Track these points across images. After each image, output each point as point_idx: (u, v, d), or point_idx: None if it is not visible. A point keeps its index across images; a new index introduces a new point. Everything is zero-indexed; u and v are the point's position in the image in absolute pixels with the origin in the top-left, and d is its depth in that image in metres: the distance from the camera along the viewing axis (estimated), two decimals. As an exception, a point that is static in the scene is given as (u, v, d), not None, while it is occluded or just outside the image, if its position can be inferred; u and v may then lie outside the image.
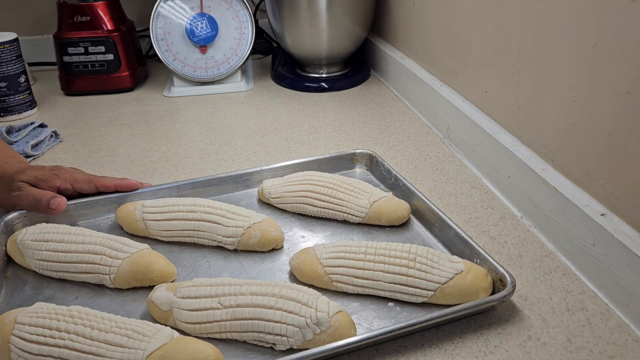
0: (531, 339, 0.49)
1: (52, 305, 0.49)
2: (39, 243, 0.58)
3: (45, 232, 0.59)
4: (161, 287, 0.52)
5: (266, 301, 0.48)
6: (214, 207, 0.63)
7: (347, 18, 1.08)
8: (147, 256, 0.56)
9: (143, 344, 0.44)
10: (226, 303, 0.49)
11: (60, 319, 0.46)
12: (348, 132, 0.92)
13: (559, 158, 0.61)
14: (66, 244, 0.57)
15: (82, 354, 0.44)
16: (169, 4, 1.10)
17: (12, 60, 1.00)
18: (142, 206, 0.64)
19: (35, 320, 0.47)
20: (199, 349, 0.45)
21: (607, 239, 0.52)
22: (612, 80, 0.51)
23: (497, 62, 0.72)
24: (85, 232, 0.60)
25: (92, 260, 0.56)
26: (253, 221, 0.61)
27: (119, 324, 0.46)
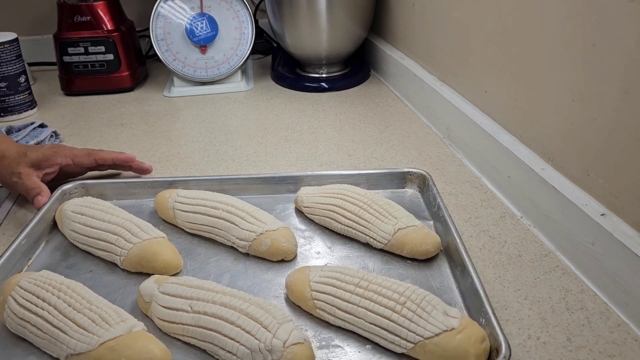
0: (531, 338, 0.49)
1: (54, 275, 0.52)
2: (75, 215, 0.62)
3: (85, 205, 0.63)
4: (151, 279, 0.53)
5: (229, 315, 0.46)
6: (237, 208, 0.62)
7: (347, 18, 1.09)
8: (157, 245, 0.58)
9: (101, 331, 0.45)
10: (195, 308, 0.48)
11: (49, 289, 0.50)
12: (348, 132, 0.92)
13: (559, 157, 0.61)
14: (95, 220, 0.61)
15: (50, 327, 0.47)
16: (169, 4, 1.10)
17: (12, 60, 1.00)
18: (177, 195, 0.66)
19: (32, 287, 0.50)
20: (146, 348, 0.45)
21: (606, 239, 0.52)
22: (611, 80, 0.51)
23: (497, 62, 0.72)
24: (116, 211, 0.62)
25: (110, 239, 0.59)
26: (267, 228, 0.59)
27: (93, 306, 0.48)
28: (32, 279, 0.51)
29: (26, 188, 0.69)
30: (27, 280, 0.51)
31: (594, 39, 0.53)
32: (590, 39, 0.53)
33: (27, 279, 0.51)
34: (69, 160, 0.73)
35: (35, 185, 0.69)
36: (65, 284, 0.50)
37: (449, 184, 0.74)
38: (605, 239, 0.52)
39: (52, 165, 0.71)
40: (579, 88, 0.56)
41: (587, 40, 0.54)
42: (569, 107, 0.58)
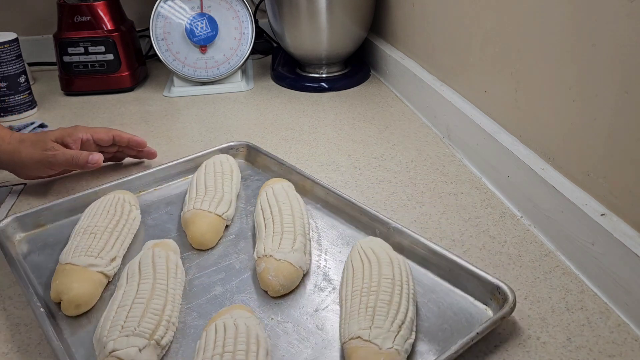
0: (531, 338, 0.49)
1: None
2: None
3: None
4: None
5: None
6: (282, 218, 0.60)
7: (347, 18, 1.09)
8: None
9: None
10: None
11: None
12: (348, 132, 0.92)
13: (559, 157, 0.61)
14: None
15: None
16: (169, 4, 1.10)
17: (12, 60, 1.00)
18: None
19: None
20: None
21: (606, 239, 0.52)
22: (611, 80, 0.51)
23: (497, 62, 0.72)
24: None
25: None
26: (271, 254, 0.55)
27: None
28: None
29: (70, 156, 0.71)
30: None
31: (594, 39, 0.53)
32: (590, 39, 0.53)
33: None
34: (89, 136, 0.75)
35: (77, 152, 0.71)
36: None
37: (448, 184, 0.74)
38: (605, 239, 0.52)
39: (75, 140, 0.73)
40: (579, 88, 0.56)
41: (587, 40, 0.54)
42: (569, 107, 0.58)
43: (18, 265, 0.57)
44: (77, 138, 0.74)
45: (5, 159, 0.72)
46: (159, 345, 0.47)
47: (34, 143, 0.72)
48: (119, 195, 0.66)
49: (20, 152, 0.71)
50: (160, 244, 0.58)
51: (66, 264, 0.55)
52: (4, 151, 0.71)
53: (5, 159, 0.72)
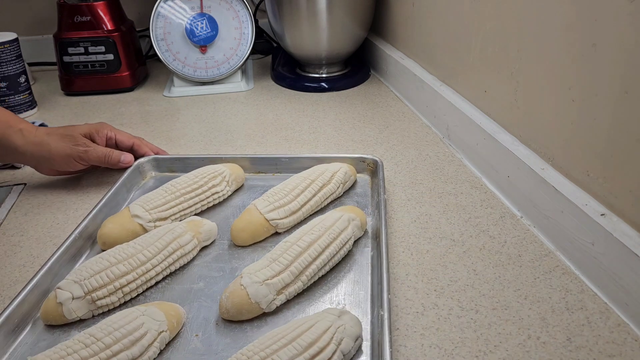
0: (531, 338, 0.49)
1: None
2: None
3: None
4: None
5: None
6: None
7: (347, 18, 1.09)
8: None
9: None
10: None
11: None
12: (348, 132, 0.92)
13: (559, 157, 0.61)
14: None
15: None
16: (169, 4, 1.10)
17: (12, 60, 1.00)
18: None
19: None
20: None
21: (606, 239, 0.52)
22: (611, 80, 0.51)
23: (497, 62, 0.72)
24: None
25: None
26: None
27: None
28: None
29: (102, 152, 0.72)
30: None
31: (594, 39, 0.53)
32: (590, 39, 0.53)
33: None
34: (113, 135, 0.76)
35: (110, 150, 0.73)
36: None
37: (448, 183, 0.74)
38: (605, 239, 0.52)
39: (102, 137, 0.75)
40: (579, 88, 0.56)
41: (587, 40, 0.54)
42: (569, 107, 0.58)
43: (123, 192, 0.71)
44: (104, 135, 0.75)
45: (32, 150, 0.71)
46: (94, 302, 0.52)
47: (62, 137, 0.72)
48: (224, 169, 0.71)
49: (49, 144, 0.71)
50: (195, 223, 0.61)
51: (126, 207, 0.64)
52: (31, 142, 0.71)
53: (32, 150, 0.71)
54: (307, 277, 0.54)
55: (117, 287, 0.53)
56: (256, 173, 0.76)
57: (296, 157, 0.75)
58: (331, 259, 0.57)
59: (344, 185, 0.70)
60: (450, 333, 0.50)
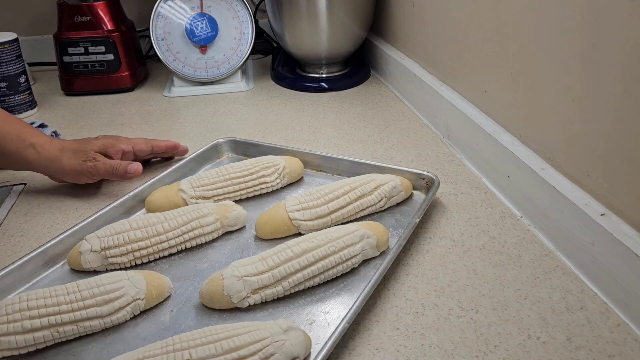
0: (531, 338, 0.49)
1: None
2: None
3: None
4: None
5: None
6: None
7: (347, 18, 1.09)
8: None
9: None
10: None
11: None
12: (348, 132, 0.92)
13: (558, 157, 0.61)
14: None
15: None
16: (169, 4, 1.10)
17: (12, 60, 1.00)
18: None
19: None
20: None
21: (606, 239, 0.52)
22: (611, 80, 0.51)
23: (497, 62, 0.72)
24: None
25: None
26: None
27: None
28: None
29: (111, 165, 0.71)
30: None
31: (594, 39, 0.53)
32: (590, 39, 0.53)
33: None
34: (130, 147, 0.76)
35: (117, 162, 0.72)
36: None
37: (448, 184, 0.74)
38: (605, 239, 0.52)
39: (117, 152, 0.74)
40: (579, 88, 0.56)
41: (587, 40, 0.54)
42: (568, 107, 0.58)
43: (192, 165, 0.77)
44: (119, 149, 0.75)
45: (45, 165, 0.72)
46: (106, 259, 0.58)
47: (75, 153, 0.72)
48: (280, 161, 0.72)
49: (61, 160, 0.71)
50: (225, 207, 0.63)
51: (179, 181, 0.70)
52: (45, 158, 0.71)
53: (45, 165, 0.72)
54: (290, 284, 0.53)
55: (128, 250, 0.58)
56: (318, 171, 0.76)
57: (358, 161, 0.73)
58: (324, 272, 0.54)
59: (390, 200, 0.66)
60: (450, 333, 0.50)
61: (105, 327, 0.51)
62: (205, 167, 0.80)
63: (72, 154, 0.72)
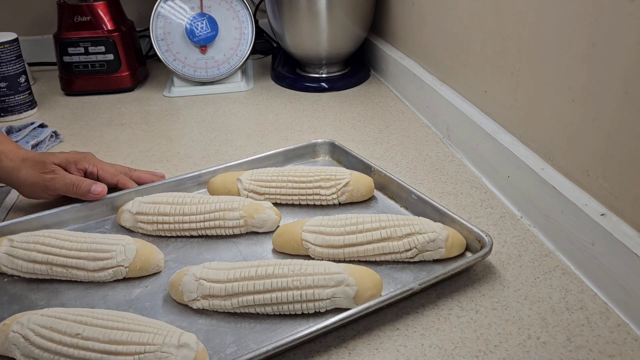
0: (531, 338, 0.49)
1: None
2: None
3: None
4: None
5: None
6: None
7: (347, 18, 1.09)
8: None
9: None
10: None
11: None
12: (348, 132, 0.92)
13: (559, 157, 0.61)
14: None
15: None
16: (169, 4, 1.10)
17: (12, 60, 1.00)
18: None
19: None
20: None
21: (606, 239, 0.52)
22: (611, 80, 0.51)
23: (497, 62, 0.72)
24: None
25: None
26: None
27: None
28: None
29: (70, 181, 0.66)
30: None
31: (594, 39, 0.53)
32: (590, 39, 0.53)
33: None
34: (95, 169, 0.70)
35: (78, 179, 0.66)
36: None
37: (448, 184, 0.74)
38: (605, 239, 0.52)
39: (79, 170, 0.69)
40: (579, 88, 0.56)
41: (587, 40, 0.54)
42: (569, 107, 0.58)
43: (279, 158, 0.78)
44: (82, 167, 0.69)
45: (5, 176, 0.68)
46: (137, 223, 0.64)
47: (35, 164, 0.67)
48: (346, 176, 0.68)
49: (19, 171, 0.67)
50: (255, 207, 0.63)
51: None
52: (4, 167, 0.67)
53: (5, 176, 0.68)
54: (238, 303, 0.51)
55: (153, 221, 0.63)
56: (391, 197, 0.70)
57: (424, 198, 0.64)
58: (277, 304, 0.51)
59: (423, 254, 0.57)
60: (450, 333, 0.50)
61: (88, 280, 0.57)
62: (293, 164, 0.79)
63: (32, 165, 0.67)
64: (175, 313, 0.53)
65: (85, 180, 0.66)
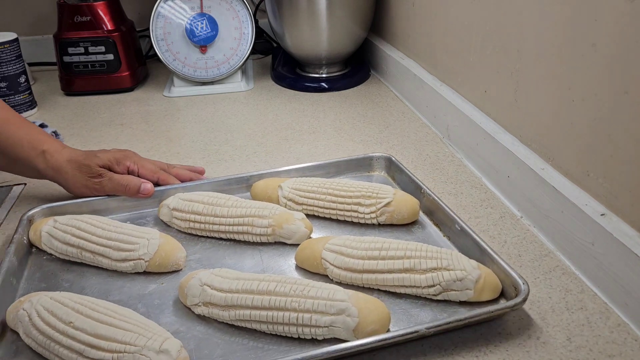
0: (531, 338, 0.49)
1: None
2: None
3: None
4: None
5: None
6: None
7: (347, 18, 1.09)
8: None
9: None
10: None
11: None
12: (348, 132, 0.92)
13: (558, 157, 0.61)
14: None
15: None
16: (169, 4, 1.10)
17: (12, 60, 1.00)
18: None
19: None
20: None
21: (606, 239, 0.52)
22: (611, 80, 0.51)
23: (497, 62, 0.72)
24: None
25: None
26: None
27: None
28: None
29: (119, 182, 0.68)
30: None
31: (594, 39, 0.53)
32: (590, 39, 0.54)
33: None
34: (136, 168, 0.71)
35: (126, 179, 0.68)
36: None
37: (448, 184, 0.74)
38: (605, 239, 0.52)
39: (122, 169, 0.70)
40: (579, 88, 0.56)
41: (587, 40, 0.54)
42: (568, 107, 0.58)
43: (332, 169, 0.75)
44: (124, 167, 0.70)
45: (52, 175, 0.69)
46: (172, 218, 0.65)
47: (80, 166, 0.68)
48: (389, 194, 0.64)
49: (67, 173, 0.69)
50: (286, 217, 0.61)
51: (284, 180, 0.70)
52: (51, 167, 0.69)
53: (52, 175, 0.69)
54: (236, 315, 0.49)
55: (186, 219, 0.64)
56: (435, 224, 0.64)
57: (467, 231, 0.58)
58: (272, 323, 0.48)
59: (448, 293, 0.51)
60: (450, 333, 0.50)
61: (112, 269, 0.59)
62: (346, 176, 0.75)
63: (78, 167, 0.68)
64: (177, 315, 0.53)
65: (132, 180, 0.68)
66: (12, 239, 0.61)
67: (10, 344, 0.50)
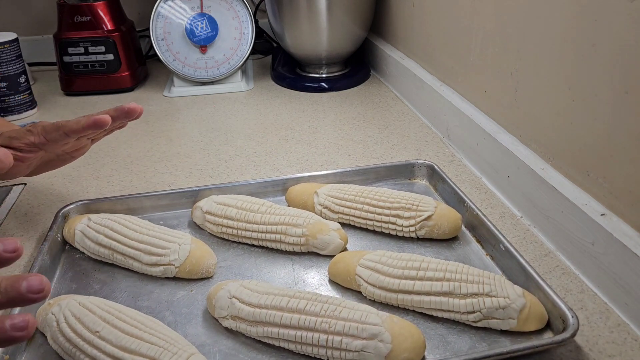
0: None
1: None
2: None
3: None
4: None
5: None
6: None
7: (347, 18, 1.09)
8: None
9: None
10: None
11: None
12: (348, 132, 0.92)
13: (559, 157, 0.61)
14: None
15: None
16: (169, 4, 1.10)
17: (12, 60, 1.00)
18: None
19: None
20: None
21: (606, 239, 0.52)
22: (611, 80, 0.51)
23: (497, 62, 0.72)
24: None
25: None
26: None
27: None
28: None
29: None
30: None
31: (594, 39, 0.53)
32: (590, 39, 0.53)
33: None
34: (42, 138, 0.58)
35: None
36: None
37: (449, 184, 0.74)
38: (605, 239, 0.52)
39: (24, 144, 0.58)
40: (579, 88, 0.56)
41: (587, 40, 0.54)
42: (569, 107, 0.58)
43: (371, 176, 0.73)
44: (28, 142, 0.59)
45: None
46: (205, 221, 0.64)
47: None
48: (429, 208, 0.61)
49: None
50: (320, 227, 0.59)
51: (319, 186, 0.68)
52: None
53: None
54: (264, 332, 0.47)
55: (219, 223, 0.62)
56: (478, 241, 0.61)
57: (513, 253, 0.54)
58: (301, 344, 0.46)
59: (489, 321, 0.48)
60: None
61: (142, 272, 0.58)
62: (386, 182, 0.73)
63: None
64: (204, 326, 0.51)
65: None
66: (47, 236, 0.60)
67: (38, 347, 0.49)
